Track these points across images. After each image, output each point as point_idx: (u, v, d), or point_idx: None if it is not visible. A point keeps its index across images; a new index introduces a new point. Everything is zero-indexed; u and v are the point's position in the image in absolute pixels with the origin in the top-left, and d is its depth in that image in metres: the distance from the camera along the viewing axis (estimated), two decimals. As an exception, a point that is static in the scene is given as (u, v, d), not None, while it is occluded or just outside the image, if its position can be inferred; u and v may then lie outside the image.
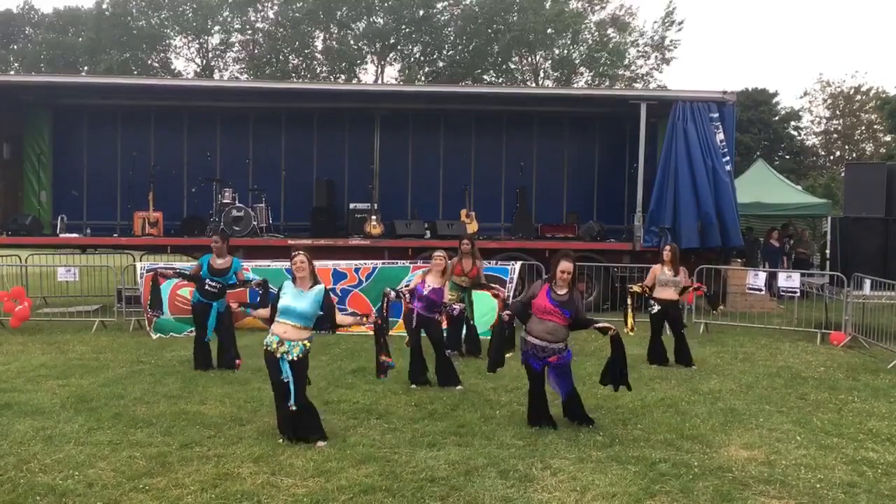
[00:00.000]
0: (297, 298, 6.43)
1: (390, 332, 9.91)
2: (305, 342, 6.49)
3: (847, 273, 12.63)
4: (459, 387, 8.58)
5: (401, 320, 11.29)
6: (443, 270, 8.90)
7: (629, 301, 9.94)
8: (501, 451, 6.32)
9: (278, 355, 6.40)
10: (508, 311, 7.17)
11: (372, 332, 7.20)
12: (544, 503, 5.31)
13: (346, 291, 12.38)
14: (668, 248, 10.39)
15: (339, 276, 12.46)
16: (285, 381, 6.39)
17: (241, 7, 44.47)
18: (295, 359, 6.41)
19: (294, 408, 6.37)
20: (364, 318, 7.03)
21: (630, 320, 9.68)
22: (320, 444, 6.43)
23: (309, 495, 5.35)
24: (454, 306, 9.24)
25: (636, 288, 10.23)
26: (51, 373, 9.10)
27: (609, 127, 17.42)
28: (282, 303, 6.47)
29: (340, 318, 6.77)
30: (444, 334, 9.58)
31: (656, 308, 10.17)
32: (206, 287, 9.49)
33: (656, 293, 10.21)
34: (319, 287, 6.53)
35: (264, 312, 6.88)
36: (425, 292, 8.77)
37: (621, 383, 7.15)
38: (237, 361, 8.77)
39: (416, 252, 14.24)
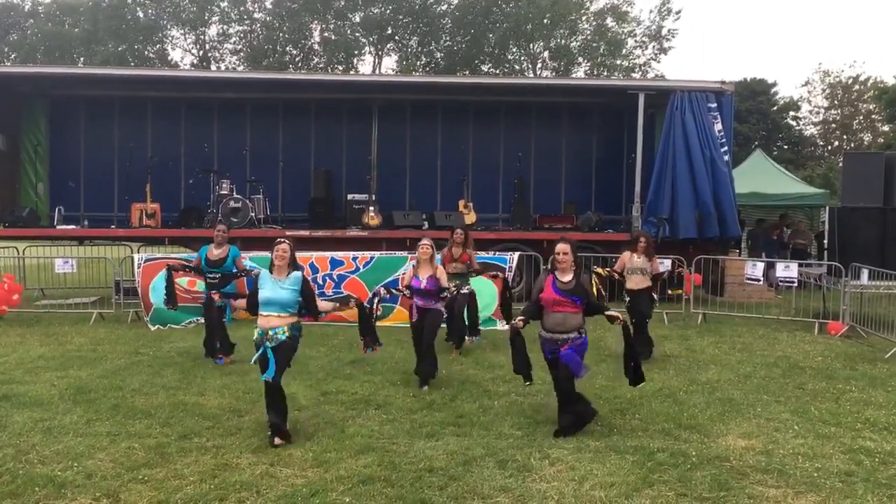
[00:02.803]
0: (275, 289, 6.37)
1: (385, 322, 9.89)
2: (290, 325, 6.38)
3: (845, 263, 12.64)
4: (424, 387, 8.13)
5: (398, 306, 11.31)
6: (430, 258, 8.70)
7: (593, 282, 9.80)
8: (500, 442, 6.34)
9: (266, 344, 6.32)
10: (522, 317, 6.79)
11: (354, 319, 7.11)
12: (542, 493, 5.32)
13: (342, 277, 12.45)
14: (643, 237, 10.14)
15: (336, 263, 12.51)
16: (265, 357, 6.27)
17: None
18: (277, 343, 6.30)
19: (270, 381, 6.22)
20: (342, 304, 6.96)
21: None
22: (277, 441, 6.19)
23: (307, 486, 5.36)
24: (463, 289, 9.11)
25: (601, 270, 10.08)
26: (49, 364, 9.10)
27: (607, 117, 17.39)
28: (261, 295, 6.39)
29: (321, 304, 6.69)
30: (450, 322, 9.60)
31: (627, 299, 10.03)
32: (208, 280, 9.52)
33: (627, 284, 10.00)
34: (297, 274, 6.47)
35: (243, 303, 6.83)
36: (423, 286, 8.59)
37: (636, 379, 6.87)
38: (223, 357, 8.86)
39: (414, 243, 14.19)
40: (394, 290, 9.21)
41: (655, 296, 10.24)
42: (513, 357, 6.78)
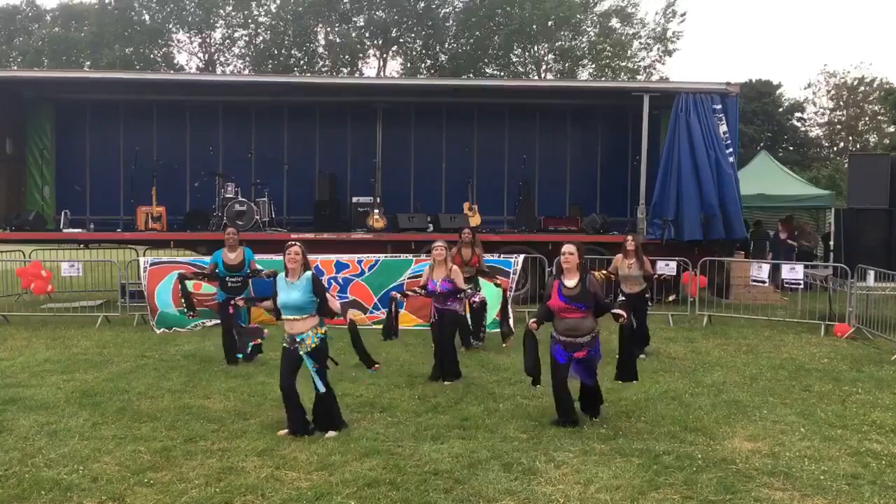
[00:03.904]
0: (288, 292, 6.49)
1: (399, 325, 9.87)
2: (316, 328, 6.52)
3: (851, 264, 12.59)
4: (459, 380, 8.55)
5: (403, 310, 11.32)
6: (444, 259, 8.85)
7: None
8: (505, 445, 6.33)
9: (300, 352, 6.51)
10: (534, 319, 6.91)
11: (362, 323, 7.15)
12: (548, 496, 5.31)
13: (347, 280, 12.44)
14: (630, 238, 10.14)
15: (341, 266, 12.51)
16: (314, 372, 6.50)
17: (243, 1, 44.46)
18: (311, 349, 6.48)
19: (322, 391, 6.51)
20: (347, 314, 6.94)
21: None
22: (330, 433, 6.51)
23: (313, 489, 5.36)
24: (475, 297, 9.16)
25: (598, 274, 10.06)
26: (55, 368, 9.12)
27: (612, 119, 17.39)
28: (279, 300, 6.56)
29: (332, 303, 6.70)
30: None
31: (622, 299, 9.98)
32: (229, 284, 9.48)
33: (621, 285, 10.06)
34: (307, 274, 6.54)
35: (268, 304, 6.93)
36: (438, 288, 8.75)
37: (626, 376, 7.04)
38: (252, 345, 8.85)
39: (419, 245, 14.24)
40: (409, 293, 9.25)
41: (649, 295, 10.33)
42: (525, 357, 6.92)
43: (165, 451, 6.09)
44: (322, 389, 6.53)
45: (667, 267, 12.79)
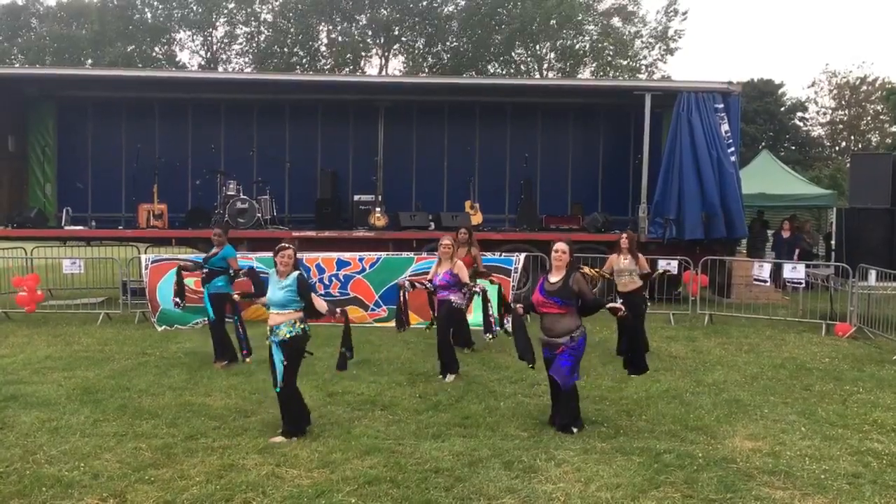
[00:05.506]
0: (274, 290, 6.58)
1: (390, 323, 9.86)
2: (295, 321, 6.51)
3: (852, 264, 12.58)
4: (451, 376, 8.57)
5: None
6: (451, 255, 9.00)
7: None
8: (506, 443, 6.33)
9: (272, 339, 6.52)
10: (521, 304, 7.00)
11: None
12: (549, 494, 5.31)
13: (348, 277, 12.43)
14: (624, 235, 10.16)
15: (342, 263, 12.50)
16: (280, 365, 6.47)
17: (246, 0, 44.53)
18: (284, 339, 6.46)
19: (277, 390, 6.48)
20: (337, 311, 6.91)
21: None
22: (275, 439, 6.36)
23: (313, 486, 5.36)
24: (476, 287, 9.20)
25: (587, 270, 10.02)
26: (56, 365, 9.13)
27: (614, 118, 17.37)
28: (267, 296, 6.68)
29: (317, 302, 6.63)
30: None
31: (620, 301, 9.94)
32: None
33: (617, 286, 10.04)
34: (294, 273, 6.58)
35: (264, 299, 6.94)
36: (439, 280, 8.92)
37: (635, 368, 7.04)
38: (244, 354, 8.83)
39: (421, 244, 14.24)
40: (417, 285, 9.30)
41: (647, 294, 10.35)
42: (515, 342, 6.92)
43: (166, 448, 6.10)
44: (278, 387, 6.47)
45: (668, 265, 12.79)
